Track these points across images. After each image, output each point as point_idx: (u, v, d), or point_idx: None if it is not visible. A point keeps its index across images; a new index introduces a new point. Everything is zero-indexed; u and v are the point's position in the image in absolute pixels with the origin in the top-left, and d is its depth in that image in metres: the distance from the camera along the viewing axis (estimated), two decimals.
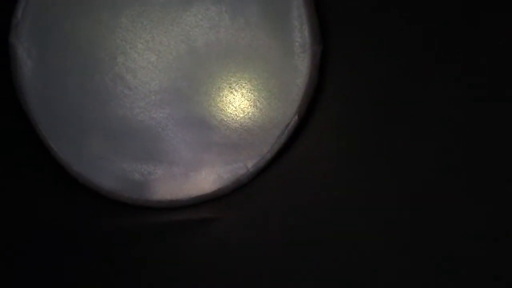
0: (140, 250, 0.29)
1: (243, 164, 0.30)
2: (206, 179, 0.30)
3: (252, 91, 0.30)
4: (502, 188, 0.24)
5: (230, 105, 0.30)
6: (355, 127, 0.29)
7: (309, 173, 0.30)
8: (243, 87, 0.30)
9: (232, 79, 0.30)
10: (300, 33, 0.29)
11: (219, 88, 0.30)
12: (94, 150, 0.30)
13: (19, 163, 0.31)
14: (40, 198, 0.30)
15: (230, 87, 0.30)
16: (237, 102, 0.30)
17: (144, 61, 0.30)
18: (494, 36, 0.25)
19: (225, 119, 0.30)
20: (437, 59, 0.27)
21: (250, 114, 0.30)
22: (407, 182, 0.27)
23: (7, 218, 0.29)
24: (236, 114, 0.30)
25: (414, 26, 0.28)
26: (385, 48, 0.28)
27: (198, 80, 0.30)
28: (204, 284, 0.27)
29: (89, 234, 0.29)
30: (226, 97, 0.30)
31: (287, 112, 0.29)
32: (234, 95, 0.30)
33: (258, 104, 0.30)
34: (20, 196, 0.30)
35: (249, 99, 0.30)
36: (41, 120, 0.30)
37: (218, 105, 0.30)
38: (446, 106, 0.26)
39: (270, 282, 0.27)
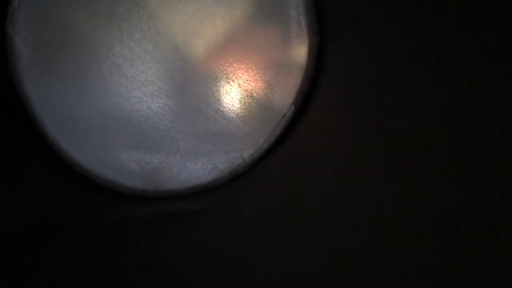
0: (135, 239, 0.29)
1: (239, 154, 0.30)
2: (202, 169, 0.30)
3: (248, 82, 0.30)
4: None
5: (227, 95, 0.30)
6: (351, 117, 0.29)
7: (305, 164, 0.30)
8: (240, 78, 0.30)
9: (229, 69, 0.30)
10: (297, 23, 0.29)
11: (215, 78, 0.30)
12: (91, 140, 0.30)
13: (16, 152, 0.31)
14: (37, 187, 0.30)
15: (227, 77, 0.30)
16: (234, 92, 0.30)
17: (141, 50, 0.30)
18: (490, 36, 0.25)
19: (222, 109, 0.30)
20: (435, 49, 0.27)
21: (247, 104, 0.30)
22: (403, 171, 0.27)
23: (2, 208, 0.29)
24: (232, 104, 0.30)
25: (412, 17, 0.28)
26: (382, 39, 0.28)
27: (194, 70, 0.30)
28: (200, 273, 0.27)
29: (85, 222, 0.29)
30: (223, 87, 0.30)
31: (284, 102, 0.30)
32: (230, 85, 0.30)
33: (254, 94, 0.30)
34: (16, 185, 0.30)
35: (245, 90, 0.30)
36: (37, 110, 0.30)
37: (215, 95, 0.30)
38: (445, 98, 0.26)
39: (265, 273, 0.27)
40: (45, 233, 0.29)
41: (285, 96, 0.29)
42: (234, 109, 0.30)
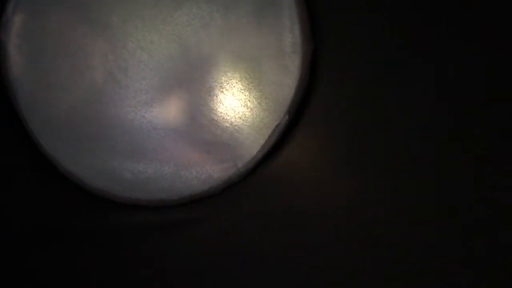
0: (129, 249, 0.29)
1: (234, 164, 0.30)
2: (196, 178, 0.30)
3: (242, 91, 0.30)
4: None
5: (221, 105, 0.30)
6: (346, 127, 0.29)
7: (299, 173, 0.30)
8: (234, 87, 0.30)
9: (223, 78, 0.30)
10: (291, 33, 0.29)
11: (209, 87, 0.30)
12: (84, 148, 0.30)
13: (8, 160, 0.31)
14: (30, 196, 0.30)
15: (221, 86, 0.30)
16: (228, 102, 0.30)
17: (135, 59, 0.30)
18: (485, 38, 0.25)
19: (216, 119, 0.30)
20: (429, 56, 0.27)
21: (241, 113, 0.30)
22: (396, 182, 0.27)
23: None
24: (226, 114, 0.30)
25: (405, 24, 0.28)
26: (376, 48, 0.29)
27: (189, 79, 0.30)
28: (193, 284, 0.27)
29: (78, 232, 0.29)
30: (216, 96, 0.30)
31: (278, 112, 0.29)
32: (224, 94, 0.30)
33: (248, 103, 0.30)
34: (9, 194, 0.30)
35: (239, 99, 0.30)
36: (31, 118, 0.30)
37: (209, 104, 0.30)
38: (439, 107, 0.26)
39: (259, 282, 0.27)
40: (38, 242, 0.29)
41: (279, 106, 0.29)
42: (228, 119, 0.30)
